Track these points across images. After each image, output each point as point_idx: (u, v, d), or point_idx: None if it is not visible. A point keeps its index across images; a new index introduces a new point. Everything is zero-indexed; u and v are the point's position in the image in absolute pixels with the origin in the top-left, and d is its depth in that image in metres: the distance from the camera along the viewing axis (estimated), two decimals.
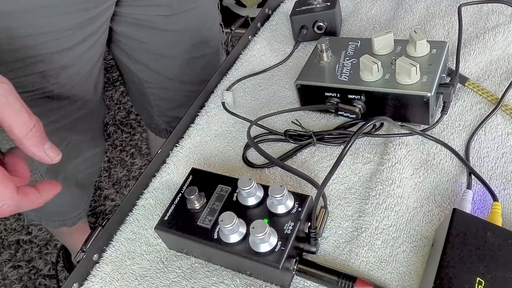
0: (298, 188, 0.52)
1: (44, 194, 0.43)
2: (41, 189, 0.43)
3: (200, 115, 0.64)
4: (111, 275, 0.49)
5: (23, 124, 0.39)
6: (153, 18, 0.78)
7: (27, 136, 0.39)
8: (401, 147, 0.52)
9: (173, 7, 0.78)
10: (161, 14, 0.78)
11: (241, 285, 0.45)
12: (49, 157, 0.41)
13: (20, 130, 0.39)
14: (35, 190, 0.42)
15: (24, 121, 0.39)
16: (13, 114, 0.38)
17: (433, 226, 0.45)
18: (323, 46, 0.58)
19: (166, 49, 0.83)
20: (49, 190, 0.44)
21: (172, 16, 0.79)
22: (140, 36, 0.81)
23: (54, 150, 0.42)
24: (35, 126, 0.40)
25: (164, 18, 0.78)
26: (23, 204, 0.40)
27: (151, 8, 0.77)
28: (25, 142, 0.39)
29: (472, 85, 0.57)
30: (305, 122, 0.59)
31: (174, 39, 0.82)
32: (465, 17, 0.66)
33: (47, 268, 1.44)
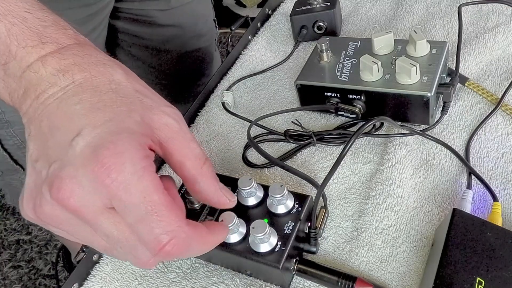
0: (298, 188, 0.52)
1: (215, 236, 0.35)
2: (212, 229, 0.34)
3: (200, 115, 0.64)
4: (111, 275, 0.49)
5: (196, 157, 0.32)
6: (151, 13, 0.78)
7: (201, 172, 0.32)
8: (401, 147, 0.52)
9: (170, 2, 0.78)
10: (158, 8, 0.78)
11: (241, 285, 0.45)
12: (227, 199, 0.34)
13: (193, 164, 0.32)
14: (206, 228, 0.33)
15: (196, 153, 0.32)
16: (184, 144, 0.31)
17: (433, 226, 0.45)
18: (323, 46, 0.58)
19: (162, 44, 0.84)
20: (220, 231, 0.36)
21: (169, 10, 0.79)
22: (137, 32, 0.81)
23: (228, 190, 0.35)
24: (207, 159, 0.33)
25: (161, 13, 0.79)
26: (194, 242, 0.31)
27: (149, 3, 0.77)
28: (200, 179, 0.32)
29: (472, 85, 0.57)
30: (305, 122, 0.59)
31: (171, 33, 0.83)
32: (465, 17, 0.66)
33: (47, 268, 1.44)
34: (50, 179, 0.28)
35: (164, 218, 0.28)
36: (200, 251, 0.33)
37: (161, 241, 0.28)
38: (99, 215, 0.29)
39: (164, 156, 0.32)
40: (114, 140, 0.28)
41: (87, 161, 0.27)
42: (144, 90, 0.33)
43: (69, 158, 0.28)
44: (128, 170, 0.27)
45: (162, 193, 0.29)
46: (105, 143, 0.28)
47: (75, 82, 0.30)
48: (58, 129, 0.29)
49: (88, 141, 0.28)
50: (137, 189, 0.28)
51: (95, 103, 0.29)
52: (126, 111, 0.30)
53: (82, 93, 0.30)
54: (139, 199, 0.28)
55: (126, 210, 0.28)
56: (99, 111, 0.29)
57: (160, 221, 0.28)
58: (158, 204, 0.28)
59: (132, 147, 0.28)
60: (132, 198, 0.28)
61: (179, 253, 0.29)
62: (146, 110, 0.31)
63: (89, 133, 0.28)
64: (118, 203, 0.28)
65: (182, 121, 0.32)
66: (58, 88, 0.30)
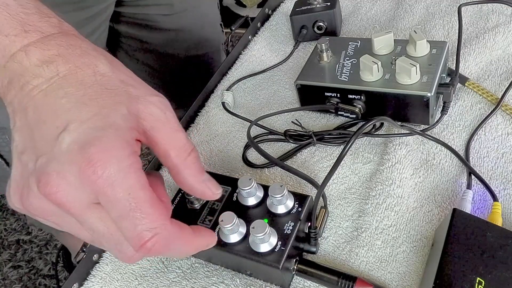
0: (298, 188, 0.52)
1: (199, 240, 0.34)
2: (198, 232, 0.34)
3: (200, 115, 0.64)
4: (111, 275, 0.49)
5: (181, 147, 0.32)
6: (154, 18, 0.78)
7: (186, 163, 0.32)
8: (401, 147, 0.52)
9: (174, 6, 0.78)
10: (161, 13, 0.78)
11: (241, 285, 0.45)
12: (211, 191, 0.34)
13: (178, 154, 0.32)
14: (191, 230, 0.33)
15: (182, 143, 0.32)
16: (170, 134, 0.31)
17: (433, 226, 0.45)
18: (323, 46, 0.58)
19: (167, 48, 0.83)
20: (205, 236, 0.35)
21: (173, 15, 0.79)
22: (141, 36, 0.81)
23: (214, 182, 0.34)
24: (193, 150, 0.33)
25: (165, 17, 0.79)
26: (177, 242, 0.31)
27: (152, 8, 0.77)
28: (183, 170, 0.32)
29: (472, 85, 0.57)
30: (305, 122, 0.59)
31: (175, 37, 0.82)
32: (465, 17, 0.66)
33: (47, 268, 1.44)
34: (38, 174, 0.28)
35: (147, 215, 0.28)
36: (183, 252, 0.33)
37: (143, 237, 0.28)
38: (85, 210, 0.29)
39: (149, 145, 0.32)
40: (100, 137, 0.28)
41: (73, 157, 0.28)
42: (129, 80, 0.32)
43: (56, 153, 0.28)
44: (114, 167, 0.28)
45: (147, 190, 0.29)
46: (92, 139, 0.28)
47: (60, 75, 0.30)
48: (44, 122, 0.29)
49: (74, 137, 0.28)
50: (122, 185, 0.28)
51: (81, 97, 0.29)
52: (112, 104, 0.30)
53: (67, 87, 0.30)
54: (124, 196, 0.28)
55: (111, 206, 0.28)
56: (84, 106, 0.29)
57: (143, 218, 0.28)
58: (142, 201, 0.28)
59: (118, 143, 0.28)
60: (117, 194, 0.28)
61: (160, 250, 0.29)
62: (131, 101, 0.31)
63: (75, 129, 0.28)
64: (103, 198, 0.28)
65: (168, 110, 0.32)
66: (43, 80, 0.30)
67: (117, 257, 0.32)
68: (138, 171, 0.29)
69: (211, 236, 0.37)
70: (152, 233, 0.28)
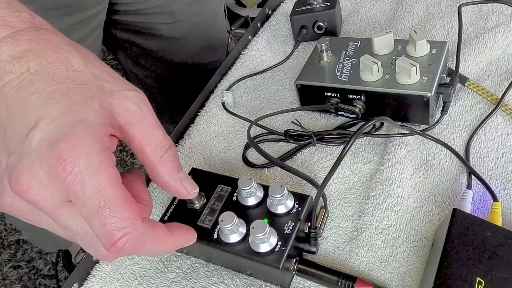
0: (298, 188, 0.52)
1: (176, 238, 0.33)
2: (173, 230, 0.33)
3: (200, 115, 0.64)
4: (111, 275, 0.49)
5: (158, 143, 0.31)
6: (156, 26, 0.77)
7: (161, 160, 0.31)
8: (401, 147, 0.52)
9: (175, 15, 0.77)
10: (163, 21, 0.77)
11: (241, 285, 0.45)
12: (186, 189, 0.33)
13: (154, 151, 0.31)
14: (165, 228, 0.32)
15: (158, 140, 0.31)
16: (146, 130, 0.31)
17: (433, 226, 0.45)
18: (323, 46, 0.58)
19: (171, 55, 0.83)
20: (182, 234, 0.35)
21: (175, 23, 0.78)
22: (144, 43, 0.80)
23: (190, 181, 0.34)
24: (170, 148, 0.32)
25: (167, 26, 0.78)
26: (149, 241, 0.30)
27: (153, 16, 0.76)
28: (158, 167, 0.31)
29: (472, 85, 0.57)
30: (305, 122, 0.59)
31: (178, 45, 0.82)
32: (465, 17, 0.66)
33: (47, 268, 1.44)
34: (9, 172, 0.28)
35: (117, 214, 0.28)
36: (159, 251, 0.32)
37: (112, 236, 0.28)
38: (57, 208, 0.29)
39: (125, 141, 0.31)
40: (70, 133, 0.27)
41: (43, 154, 0.27)
42: (104, 75, 0.31)
43: (26, 150, 0.28)
44: (83, 163, 0.27)
45: (117, 188, 0.28)
46: (61, 136, 0.27)
47: (30, 70, 0.29)
48: (15, 120, 0.29)
49: (44, 134, 0.28)
50: (91, 183, 0.27)
51: (52, 92, 0.29)
52: (84, 100, 0.29)
53: (38, 82, 0.29)
54: (93, 194, 0.27)
55: (81, 204, 0.28)
56: (55, 102, 0.29)
57: (112, 216, 0.28)
58: (111, 199, 0.28)
59: (89, 140, 0.28)
60: (86, 191, 0.27)
61: (132, 250, 0.29)
62: (105, 96, 0.30)
63: (45, 126, 0.28)
64: (73, 196, 0.28)
65: (145, 105, 0.31)
66: (14, 76, 0.29)
67: (94, 256, 0.31)
68: (109, 168, 0.28)
69: (190, 233, 0.36)
70: (122, 233, 0.28)
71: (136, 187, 0.33)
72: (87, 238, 0.30)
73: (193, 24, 0.81)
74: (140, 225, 0.29)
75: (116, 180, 0.29)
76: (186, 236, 0.35)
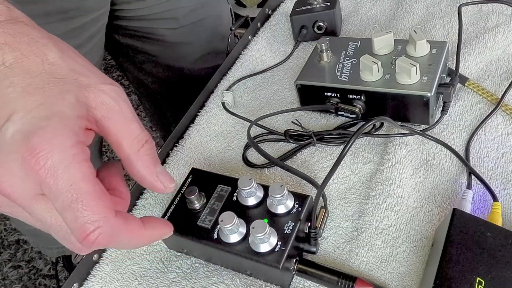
0: (298, 188, 0.52)
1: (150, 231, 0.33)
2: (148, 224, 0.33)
3: (200, 115, 0.64)
4: (111, 275, 0.49)
5: (134, 137, 0.31)
6: (160, 31, 0.77)
7: (138, 154, 0.31)
8: (401, 147, 0.52)
9: (180, 20, 0.77)
10: (167, 27, 0.77)
11: (241, 285, 0.45)
12: (163, 184, 0.33)
13: (130, 145, 0.31)
14: (139, 222, 0.32)
15: (135, 134, 0.31)
16: (123, 124, 0.31)
17: (433, 226, 0.45)
18: (323, 46, 0.58)
19: (175, 61, 0.82)
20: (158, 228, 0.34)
21: (179, 28, 0.78)
22: (148, 49, 0.80)
23: (168, 176, 0.33)
24: (147, 142, 0.32)
25: (171, 31, 0.78)
26: (122, 234, 0.30)
27: (156, 22, 0.76)
28: (135, 161, 0.31)
29: (472, 85, 0.57)
30: (305, 122, 0.59)
31: (183, 51, 0.81)
32: (465, 17, 0.66)
33: (47, 268, 1.44)
34: None
35: (89, 207, 0.28)
36: (133, 244, 0.32)
37: (85, 230, 0.28)
38: (31, 201, 0.29)
39: (102, 135, 0.31)
40: (44, 126, 0.27)
41: (16, 147, 0.27)
42: (81, 69, 0.31)
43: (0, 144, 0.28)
44: (56, 156, 0.27)
45: (90, 182, 0.28)
46: (35, 129, 0.27)
47: (6, 64, 0.29)
48: None
49: (18, 127, 0.28)
50: (64, 176, 0.27)
51: (26, 86, 0.29)
52: (59, 93, 0.29)
53: (13, 76, 0.29)
54: (65, 187, 0.27)
55: (54, 197, 0.28)
56: (30, 95, 0.28)
57: (84, 210, 0.28)
58: (84, 192, 0.28)
59: (62, 133, 0.28)
60: (58, 185, 0.27)
61: (105, 243, 0.29)
62: (81, 89, 0.30)
63: (19, 119, 0.28)
64: (46, 189, 0.28)
65: (122, 99, 0.31)
66: None
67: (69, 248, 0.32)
68: (82, 161, 0.28)
69: (166, 227, 0.36)
70: (94, 226, 0.28)
71: (113, 180, 0.33)
72: (61, 231, 0.30)
73: (197, 29, 0.80)
74: (113, 218, 0.29)
75: (89, 174, 0.29)
76: (162, 230, 0.35)
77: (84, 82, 0.30)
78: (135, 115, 0.32)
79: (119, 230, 0.30)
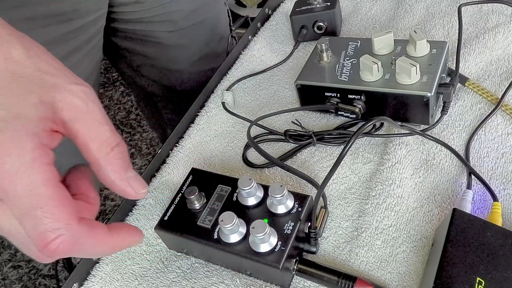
0: (298, 188, 0.52)
1: (117, 238, 0.31)
2: (115, 231, 0.31)
3: (200, 115, 0.64)
4: (111, 275, 0.49)
5: (104, 140, 0.29)
6: (157, 34, 0.77)
7: (107, 158, 0.29)
8: (401, 147, 0.52)
9: (177, 23, 0.76)
10: (165, 30, 0.76)
11: (241, 285, 0.45)
12: (134, 189, 0.31)
13: (99, 148, 0.29)
14: (105, 229, 0.31)
15: (105, 137, 0.30)
16: (91, 126, 0.29)
17: (433, 226, 0.45)
18: (323, 46, 0.58)
19: (172, 64, 0.82)
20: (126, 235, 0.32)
21: (177, 31, 0.77)
22: (145, 52, 0.80)
23: (140, 181, 0.31)
24: (118, 145, 0.30)
25: (169, 34, 0.77)
26: (86, 242, 0.29)
27: (154, 24, 0.75)
28: (104, 165, 0.29)
29: (472, 85, 0.57)
30: (305, 122, 0.59)
31: (180, 53, 0.81)
32: (465, 17, 0.66)
33: (47, 268, 1.44)
34: None
35: (50, 214, 0.26)
36: (98, 252, 0.31)
37: (45, 238, 0.26)
38: None
39: (70, 137, 0.30)
40: (2, 128, 0.26)
41: None
42: (48, 68, 0.30)
43: None
44: (14, 161, 0.26)
45: (51, 187, 0.27)
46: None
47: None
48: None
49: None
50: (22, 181, 0.26)
51: None
52: (22, 94, 0.28)
53: None
54: (24, 192, 0.26)
55: (12, 203, 0.27)
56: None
57: (45, 217, 0.26)
58: (44, 198, 0.26)
59: (22, 135, 0.26)
60: (17, 190, 0.26)
61: (67, 251, 0.27)
62: (47, 90, 0.28)
63: None
64: (3, 195, 0.26)
65: (91, 100, 0.29)
66: None
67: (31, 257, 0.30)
68: (43, 165, 0.27)
69: (135, 234, 0.33)
70: (55, 234, 0.26)
71: (82, 185, 0.32)
72: (21, 238, 0.29)
73: (194, 32, 0.80)
74: (76, 226, 0.27)
75: (50, 178, 0.27)
76: (131, 237, 0.33)
77: (50, 82, 0.29)
78: (105, 117, 0.30)
79: (82, 238, 0.28)
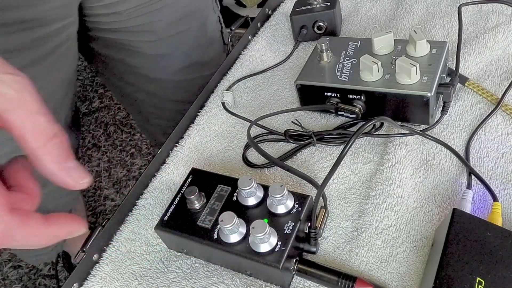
0: (298, 188, 0.52)
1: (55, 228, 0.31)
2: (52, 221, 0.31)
3: (200, 115, 0.64)
4: (111, 275, 0.49)
5: (40, 131, 0.29)
6: (137, 44, 0.76)
7: (45, 149, 0.29)
8: (401, 147, 0.52)
9: (157, 33, 0.75)
10: (145, 39, 0.76)
11: (241, 285, 0.45)
12: (74, 180, 0.30)
13: (36, 139, 0.29)
14: (42, 219, 0.30)
15: (41, 127, 0.29)
16: (26, 117, 0.28)
17: (433, 226, 0.45)
18: (323, 46, 0.58)
19: (154, 72, 0.81)
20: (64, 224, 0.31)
21: (157, 41, 0.76)
22: (127, 60, 0.79)
23: (81, 171, 0.31)
24: (56, 135, 0.29)
25: (149, 43, 0.76)
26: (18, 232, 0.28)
27: (133, 34, 0.74)
28: (42, 156, 0.29)
29: (472, 85, 0.57)
30: (305, 122, 0.59)
31: (162, 62, 0.80)
32: (465, 17, 0.66)
33: (47, 268, 1.44)
34: None
35: None
36: (32, 243, 0.30)
37: None
38: None
39: (5, 129, 0.29)
40: None
41: None
42: None
43: None
44: None
45: None
46: None
47: None
48: None
49: None
50: None
51: None
52: None
53: None
54: None
55: None
56: None
57: None
58: None
59: None
60: None
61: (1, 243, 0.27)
62: None
63: None
64: None
65: (26, 90, 0.28)
66: None
67: None
68: None
69: (75, 223, 0.32)
70: None
71: (19, 177, 0.31)
72: None
73: (177, 42, 0.78)
74: (7, 216, 0.27)
75: None
76: (69, 226, 0.32)
77: None
78: (41, 107, 0.29)
79: (14, 229, 0.28)
